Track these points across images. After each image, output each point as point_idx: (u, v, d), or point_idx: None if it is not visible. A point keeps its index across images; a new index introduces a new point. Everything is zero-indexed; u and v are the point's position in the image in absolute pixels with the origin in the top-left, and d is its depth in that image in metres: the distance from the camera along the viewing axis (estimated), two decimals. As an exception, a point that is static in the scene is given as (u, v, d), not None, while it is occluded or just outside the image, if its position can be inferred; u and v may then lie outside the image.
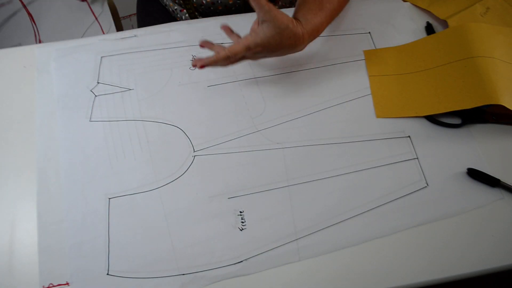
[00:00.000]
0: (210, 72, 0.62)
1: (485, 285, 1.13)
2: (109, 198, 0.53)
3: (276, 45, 0.53)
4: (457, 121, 0.60)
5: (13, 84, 0.61)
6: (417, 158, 0.57)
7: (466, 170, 0.56)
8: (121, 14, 1.13)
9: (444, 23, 0.69)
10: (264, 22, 0.51)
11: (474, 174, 0.55)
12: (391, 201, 0.54)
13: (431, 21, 0.70)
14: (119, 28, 1.03)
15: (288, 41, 0.53)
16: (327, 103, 0.61)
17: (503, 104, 0.55)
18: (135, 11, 0.98)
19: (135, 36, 0.64)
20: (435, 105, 0.59)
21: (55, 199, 0.53)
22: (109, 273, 0.49)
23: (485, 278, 0.51)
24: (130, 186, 0.54)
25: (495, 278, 1.13)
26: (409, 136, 0.58)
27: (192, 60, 0.62)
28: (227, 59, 0.53)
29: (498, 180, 0.55)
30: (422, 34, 0.69)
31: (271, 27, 0.51)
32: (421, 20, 0.71)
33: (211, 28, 0.66)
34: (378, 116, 0.61)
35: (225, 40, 0.65)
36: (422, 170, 0.56)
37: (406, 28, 0.69)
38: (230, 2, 0.74)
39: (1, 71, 0.62)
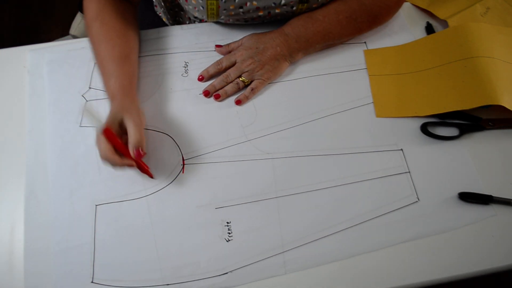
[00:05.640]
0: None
1: (485, 285, 1.12)
2: (96, 205, 0.53)
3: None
4: (454, 132, 0.59)
5: (4, 86, 0.61)
6: (409, 172, 0.56)
7: (458, 195, 0.54)
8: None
9: (444, 23, 0.68)
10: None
11: (466, 197, 0.54)
12: (381, 215, 0.53)
13: (431, 21, 0.69)
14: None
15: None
16: (320, 114, 0.60)
17: (503, 104, 0.54)
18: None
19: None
20: (435, 105, 0.59)
21: (43, 204, 0.53)
22: (93, 281, 0.49)
23: (485, 278, 0.50)
24: (117, 193, 0.54)
25: (495, 278, 1.12)
26: (401, 149, 0.58)
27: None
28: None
29: (491, 197, 0.54)
30: (422, 34, 0.68)
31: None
32: (421, 20, 0.70)
33: (204, 35, 0.65)
34: (377, 116, 0.60)
35: (219, 47, 0.64)
36: (413, 184, 0.55)
37: (406, 28, 0.68)
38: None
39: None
